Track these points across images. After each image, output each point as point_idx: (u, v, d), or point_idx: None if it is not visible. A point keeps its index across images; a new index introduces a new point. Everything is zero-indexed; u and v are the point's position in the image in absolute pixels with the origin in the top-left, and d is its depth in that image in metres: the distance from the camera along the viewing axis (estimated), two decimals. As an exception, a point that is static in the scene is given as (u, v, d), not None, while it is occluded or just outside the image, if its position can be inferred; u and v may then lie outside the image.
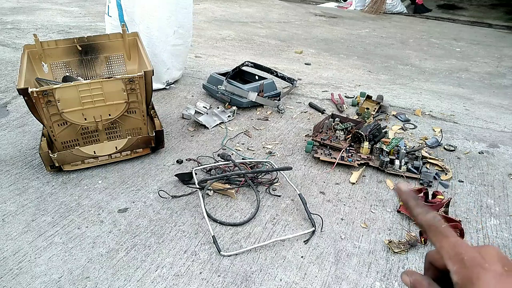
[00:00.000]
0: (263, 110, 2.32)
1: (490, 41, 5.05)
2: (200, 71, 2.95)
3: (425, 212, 0.37)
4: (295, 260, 1.27)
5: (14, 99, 2.32)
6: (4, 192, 1.53)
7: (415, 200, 0.38)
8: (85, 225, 1.38)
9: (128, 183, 1.62)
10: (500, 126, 2.33)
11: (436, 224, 0.35)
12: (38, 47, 1.84)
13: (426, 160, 1.84)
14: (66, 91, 1.52)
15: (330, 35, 4.82)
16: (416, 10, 6.90)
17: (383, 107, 2.32)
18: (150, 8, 2.29)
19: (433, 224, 0.35)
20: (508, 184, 1.73)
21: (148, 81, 1.64)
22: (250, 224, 1.42)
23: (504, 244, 1.38)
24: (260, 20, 5.39)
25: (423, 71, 3.59)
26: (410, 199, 0.38)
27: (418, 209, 0.37)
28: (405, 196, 0.38)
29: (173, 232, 1.37)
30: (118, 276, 1.18)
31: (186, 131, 2.06)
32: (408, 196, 0.38)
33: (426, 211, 0.37)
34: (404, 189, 0.39)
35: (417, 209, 0.37)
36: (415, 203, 0.38)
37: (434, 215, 0.36)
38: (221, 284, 1.17)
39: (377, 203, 1.57)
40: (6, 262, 1.22)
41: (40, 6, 5.01)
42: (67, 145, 1.65)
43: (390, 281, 1.21)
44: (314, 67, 3.40)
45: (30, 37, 3.42)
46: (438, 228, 0.35)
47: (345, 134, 1.95)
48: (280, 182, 1.66)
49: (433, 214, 0.36)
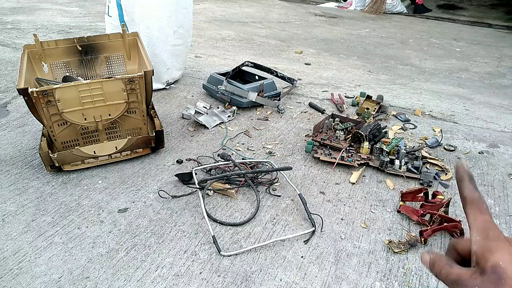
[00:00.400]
0: (263, 110, 2.32)
1: (490, 41, 5.05)
2: (200, 71, 2.95)
3: (475, 189, 0.39)
4: (295, 260, 1.27)
5: (14, 99, 2.32)
6: (4, 192, 1.53)
7: (470, 177, 0.40)
8: (85, 225, 1.38)
9: (128, 183, 1.62)
10: (500, 126, 2.33)
11: (479, 201, 0.38)
12: (38, 47, 1.84)
13: (426, 160, 1.84)
14: (66, 91, 1.52)
15: (330, 35, 4.82)
16: (416, 10, 6.90)
17: (383, 107, 2.32)
18: (150, 8, 2.29)
19: (477, 200, 0.38)
20: (508, 184, 1.73)
21: (148, 81, 1.64)
22: (250, 224, 1.42)
23: (504, 244, 1.38)
24: (260, 20, 5.39)
25: (423, 71, 3.59)
26: (466, 175, 0.40)
27: (471, 185, 0.40)
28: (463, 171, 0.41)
29: (173, 232, 1.37)
30: (118, 276, 1.18)
31: (186, 131, 2.06)
32: (466, 172, 0.41)
33: (476, 189, 0.40)
34: (465, 167, 0.42)
35: (469, 185, 0.40)
36: (470, 179, 0.40)
37: (480, 195, 0.39)
38: (221, 284, 1.17)
39: (377, 203, 1.57)
40: (6, 262, 1.22)
41: (40, 6, 5.01)
42: (67, 145, 1.65)
43: (390, 281, 1.21)
44: (314, 67, 3.40)
45: (30, 37, 3.42)
46: (479, 205, 0.38)
47: (345, 134, 1.95)
48: (280, 182, 1.66)
49: (480, 193, 0.40)
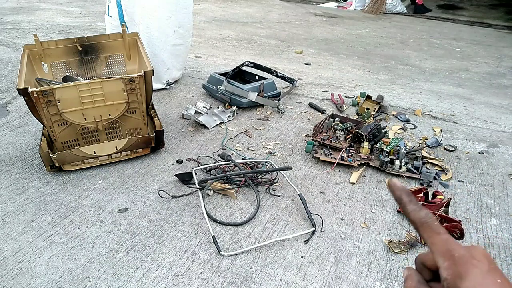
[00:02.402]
0: (263, 110, 2.32)
1: (490, 41, 5.05)
2: (200, 71, 2.95)
3: (419, 209, 0.37)
4: (295, 260, 1.27)
5: (14, 99, 2.32)
6: (4, 192, 1.53)
7: (408, 197, 0.38)
8: (85, 225, 1.38)
9: (128, 183, 1.62)
10: (500, 126, 2.33)
11: (428, 221, 0.36)
12: (38, 47, 1.84)
13: (426, 160, 1.84)
14: (66, 91, 1.52)
15: (330, 35, 4.82)
16: (416, 10, 6.90)
17: (383, 107, 2.32)
18: (150, 8, 2.29)
19: (426, 221, 0.36)
20: (508, 184, 1.73)
21: (148, 81, 1.64)
22: (250, 224, 1.42)
23: (504, 244, 1.38)
24: (260, 20, 5.38)
25: (423, 71, 3.59)
26: (404, 196, 0.38)
27: (412, 205, 0.37)
28: (399, 192, 0.38)
29: (173, 232, 1.37)
30: (118, 276, 1.18)
31: (186, 131, 2.06)
32: (402, 192, 0.38)
33: (419, 208, 0.37)
34: (398, 185, 0.39)
35: (410, 206, 0.37)
36: (409, 199, 0.38)
37: (427, 213, 0.37)
38: (221, 284, 1.17)
39: (377, 203, 1.57)
40: (6, 262, 1.22)
41: (40, 6, 5.01)
42: (67, 145, 1.65)
43: (390, 281, 1.21)
44: (314, 67, 3.40)
45: (30, 37, 3.42)
46: (430, 225, 0.36)
47: (345, 134, 1.95)
48: (280, 182, 1.66)
49: (426, 211, 0.37)
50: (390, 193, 0.40)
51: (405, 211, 0.38)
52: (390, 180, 0.40)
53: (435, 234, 0.35)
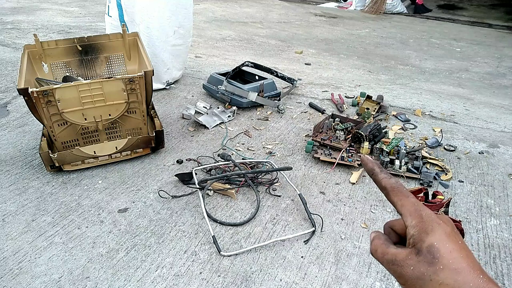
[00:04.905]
0: (263, 110, 2.32)
1: (490, 41, 5.04)
2: (200, 71, 2.95)
3: (389, 177, 0.40)
4: (295, 260, 1.27)
5: (14, 99, 2.32)
6: (4, 192, 1.53)
7: (379, 167, 0.41)
8: (85, 225, 1.38)
9: (128, 183, 1.62)
10: (500, 126, 2.33)
11: (399, 187, 0.39)
12: (38, 47, 1.84)
13: (426, 160, 1.84)
14: (66, 91, 1.52)
15: (330, 35, 4.82)
16: (416, 10, 6.89)
17: (383, 107, 2.32)
18: (151, 8, 2.29)
19: (396, 186, 0.39)
20: (508, 184, 1.73)
21: (148, 81, 1.64)
22: (250, 224, 1.42)
23: (504, 244, 1.38)
24: (260, 20, 5.38)
25: (423, 71, 3.59)
26: (375, 166, 0.41)
27: (383, 174, 0.40)
28: (371, 164, 0.41)
29: (173, 232, 1.37)
30: (118, 276, 1.18)
31: (186, 131, 2.06)
32: (373, 164, 0.41)
33: (390, 176, 0.40)
34: (370, 158, 0.43)
35: (382, 174, 0.40)
36: (380, 169, 0.41)
37: (397, 180, 0.40)
38: (221, 284, 1.17)
39: (377, 203, 1.57)
40: (6, 262, 1.22)
41: (40, 6, 5.01)
42: (67, 145, 1.65)
43: (390, 281, 1.21)
44: (314, 67, 3.40)
45: (30, 37, 3.42)
46: (400, 190, 0.38)
47: (345, 134, 1.95)
48: (280, 182, 1.66)
49: (396, 179, 0.40)
50: (363, 166, 0.43)
51: (377, 179, 0.41)
52: (362, 156, 0.43)
53: (405, 197, 0.38)
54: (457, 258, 0.33)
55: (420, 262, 0.34)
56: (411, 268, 0.34)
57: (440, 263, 0.33)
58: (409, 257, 0.35)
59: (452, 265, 0.32)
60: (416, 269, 0.34)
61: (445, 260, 0.33)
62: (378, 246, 0.39)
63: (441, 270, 0.33)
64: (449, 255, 0.33)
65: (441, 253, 0.33)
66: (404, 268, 0.35)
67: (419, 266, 0.34)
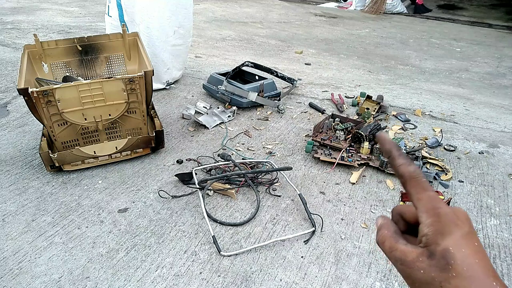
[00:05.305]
0: (263, 110, 2.32)
1: (490, 41, 5.04)
2: (200, 71, 2.95)
3: (408, 163, 0.36)
4: (295, 260, 1.27)
5: (14, 99, 2.32)
6: (4, 192, 1.53)
7: (398, 151, 0.37)
8: (85, 225, 1.38)
9: (128, 183, 1.62)
10: (500, 126, 2.33)
11: (417, 177, 0.35)
12: (38, 47, 1.84)
13: (426, 160, 1.84)
14: (66, 91, 1.52)
15: (330, 35, 4.82)
16: (416, 10, 6.89)
17: (383, 107, 2.32)
18: (151, 8, 2.29)
19: (415, 176, 0.36)
20: (508, 184, 1.73)
21: (148, 81, 1.64)
22: (250, 224, 1.42)
23: (504, 244, 1.38)
24: (260, 20, 5.38)
25: (423, 71, 3.59)
26: (394, 149, 0.37)
27: (402, 159, 0.37)
28: (389, 145, 0.38)
29: (173, 232, 1.37)
30: (118, 276, 1.18)
31: (186, 131, 2.06)
32: (392, 146, 0.38)
33: (409, 163, 0.36)
34: (388, 138, 0.38)
35: (400, 159, 0.37)
36: (398, 153, 0.37)
37: (416, 168, 0.36)
38: (221, 284, 1.17)
39: (377, 203, 1.57)
40: (6, 262, 1.22)
41: (40, 6, 5.01)
42: (67, 145, 1.65)
43: (390, 281, 1.21)
44: (314, 67, 3.40)
45: (30, 37, 3.42)
46: (418, 181, 0.35)
47: (345, 134, 1.95)
48: (280, 182, 1.66)
49: (415, 166, 0.36)
50: (380, 145, 0.38)
51: (394, 164, 0.37)
52: (380, 133, 0.39)
53: (422, 190, 0.35)
54: (472, 264, 0.31)
55: (432, 266, 0.32)
56: (421, 271, 0.32)
57: (454, 270, 0.31)
58: (420, 259, 0.32)
59: (466, 273, 0.30)
60: (427, 273, 0.32)
61: (459, 267, 0.31)
62: (386, 238, 0.36)
63: (454, 277, 0.31)
64: (464, 262, 0.31)
65: (455, 260, 0.31)
66: (414, 270, 0.33)
67: (430, 270, 0.32)
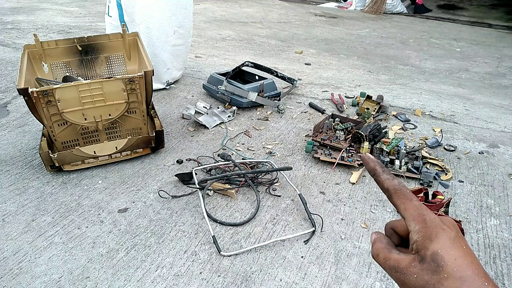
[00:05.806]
0: (263, 110, 2.32)
1: (490, 41, 5.04)
2: (200, 71, 2.95)
3: (392, 177, 0.39)
4: (295, 260, 1.27)
5: (14, 99, 2.32)
6: (4, 192, 1.53)
7: (381, 167, 0.40)
8: (85, 225, 1.38)
9: (128, 183, 1.62)
10: (500, 126, 2.33)
11: (402, 189, 0.38)
12: (38, 47, 1.84)
13: (426, 160, 1.84)
14: (66, 91, 1.52)
15: (330, 35, 4.82)
16: (416, 10, 6.89)
17: (383, 107, 2.32)
18: (151, 8, 2.29)
19: (399, 188, 0.38)
20: (508, 184, 1.73)
21: (148, 81, 1.64)
22: (250, 224, 1.42)
23: (504, 244, 1.38)
24: (260, 20, 5.38)
25: (423, 71, 3.59)
26: (377, 166, 0.40)
27: (386, 175, 0.39)
28: (373, 163, 0.40)
29: (173, 232, 1.37)
30: (118, 276, 1.18)
31: (186, 131, 2.06)
32: (375, 164, 0.40)
33: (392, 177, 0.39)
34: (372, 157, 0.41)
35: (384, 175, 0.39)
36: (382, 169, 0.40)
37: (399, 181, 0.39)
38: (221, 284, 1.17)
39: (377, 203, 1.57)
40: (6, 262, 1.22)
41: (40, 6, 5.01)
42: (67, 145, 1.65)
43: (390, 281, 1.21)
44: (314, 67, 3.40)
45: (30, 37, 3.42)
46: (403, 192, 0.37)
47: (345, 134, 1.95)
48: (280, 182, 1.66)
49: (399, 180, 0.39)
50: (364, 165, 0.41)
51: (379, 180, 0.39)
52: (363, 154, 0.42)
53: (408, 201, 0.37)
54: (462, 265, 0.32)
55: (423, 270, 0.33)
56: (415, 276, 0.34)
57: (445, 272, 0.32)
58: (412, 265, 0.34)
59: (457, 274, 0.32)
60: (420, 278, 0.33)
61: (449, 268, 0.32)
62: (380, 250, 0.38)
63: (446, 279, 0.32)
64: (454, 263, 0.32)
65: (445, 261, 0.32)
66: (407, 276, 0.34)
67: (423, 274, 0.33)
